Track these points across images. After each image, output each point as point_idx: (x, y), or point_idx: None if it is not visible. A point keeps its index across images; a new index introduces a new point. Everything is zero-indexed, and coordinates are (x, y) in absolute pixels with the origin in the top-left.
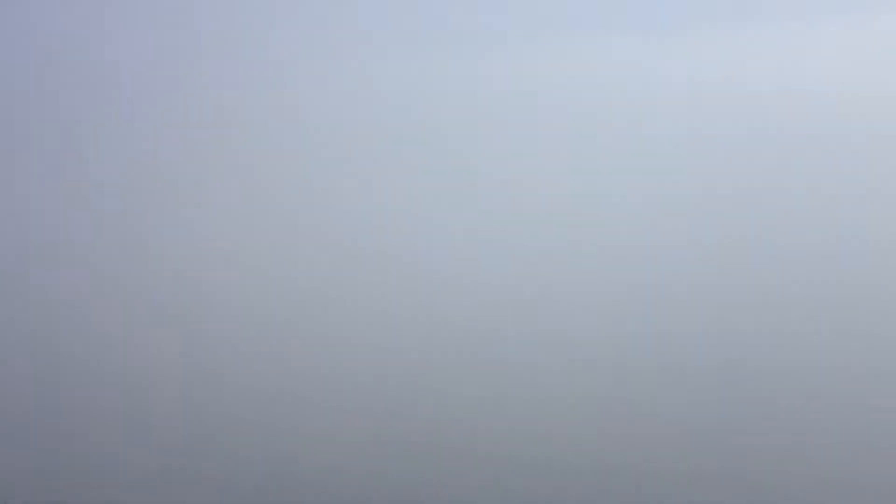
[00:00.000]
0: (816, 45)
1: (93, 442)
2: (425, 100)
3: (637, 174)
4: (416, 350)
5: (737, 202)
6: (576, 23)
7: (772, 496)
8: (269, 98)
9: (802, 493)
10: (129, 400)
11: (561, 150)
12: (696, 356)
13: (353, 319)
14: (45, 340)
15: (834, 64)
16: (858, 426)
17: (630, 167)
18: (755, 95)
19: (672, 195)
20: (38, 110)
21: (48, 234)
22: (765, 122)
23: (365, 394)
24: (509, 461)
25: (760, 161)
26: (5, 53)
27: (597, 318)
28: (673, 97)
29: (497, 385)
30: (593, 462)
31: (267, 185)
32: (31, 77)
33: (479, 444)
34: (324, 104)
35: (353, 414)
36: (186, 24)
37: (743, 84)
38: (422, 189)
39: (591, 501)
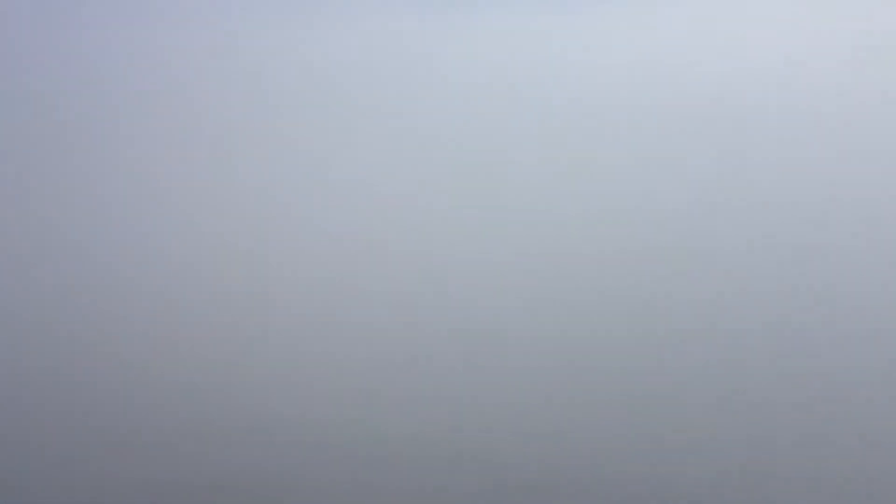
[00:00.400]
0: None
1: (93, 441)
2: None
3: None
4: (409, 349)
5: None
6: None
7: (770, 494)
8: (260, 96)
9: (799, 489)
10: (129, 399)
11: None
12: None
13: (353, 315)
14: (44, 340)
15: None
16: (858, 418)
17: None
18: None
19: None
20: (39, 112)
21: (48, 235)
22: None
23: (364, 393)
24: (511, 460)
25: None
26: (7, 55)
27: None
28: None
29: (492, 383)
30: (594, 458)
31: (263, 184)
32: (32, 78)
33: (479, 443)
34: (314, 101)
35: (354, 412)
36: (182, 28)
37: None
38: (412, 187)
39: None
